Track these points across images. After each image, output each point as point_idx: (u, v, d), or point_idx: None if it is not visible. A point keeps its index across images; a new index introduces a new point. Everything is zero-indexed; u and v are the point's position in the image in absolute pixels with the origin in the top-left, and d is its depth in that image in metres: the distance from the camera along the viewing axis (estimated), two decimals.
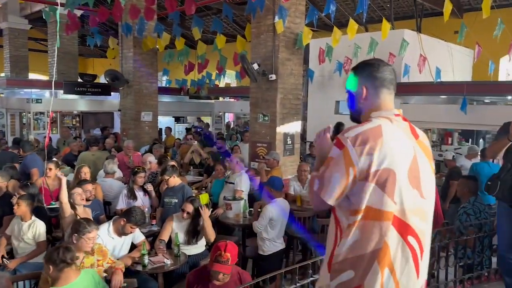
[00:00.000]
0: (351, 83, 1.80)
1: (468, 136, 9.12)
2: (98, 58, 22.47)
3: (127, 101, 10.28)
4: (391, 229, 1.58)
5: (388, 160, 1.57)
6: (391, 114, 1.69)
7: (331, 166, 1.62)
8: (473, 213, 4.26)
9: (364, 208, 1.59)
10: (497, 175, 3.62)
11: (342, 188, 1.59)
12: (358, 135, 1.58)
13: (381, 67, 1.75)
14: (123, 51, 10.22)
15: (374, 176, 1.56)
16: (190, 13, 6.88)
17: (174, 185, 5.26)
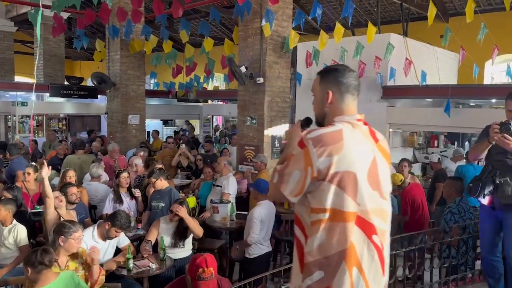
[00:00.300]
0: (317, 87, 1.84)
1: (453, 139, 9.23)
2: (85, 61, 22.28)
3: (114, 104, 10.20)
4: (356, 229, 1.65)
5: (348, 163, 1.63)
6: (353, 119, 1.76)
7: (291, 163, 1.69)
8: (457, 212, 4.32)
9: (328, 210, 1.65)
10: (479, 177, 3.65)
11: (300, 185, 1.66)
12: (319, 136, 1.65)
13: (347, 73, 1.80)
14: (110, 53, 10.15)
15: (333, 178, 1.63)
16: (178, 16, 6.86)
17: (161, 188, 5.22)
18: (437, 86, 7.25)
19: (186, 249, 4.49)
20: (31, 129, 7.71)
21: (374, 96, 7.81)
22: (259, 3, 6.50)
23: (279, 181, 1.71)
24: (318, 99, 1.83)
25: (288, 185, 1.68)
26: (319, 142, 1.62)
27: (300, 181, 1.65)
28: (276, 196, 1.79)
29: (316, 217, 1.66)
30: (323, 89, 1.80)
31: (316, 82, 1.85)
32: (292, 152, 1.71)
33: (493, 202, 3.52)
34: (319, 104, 1.82)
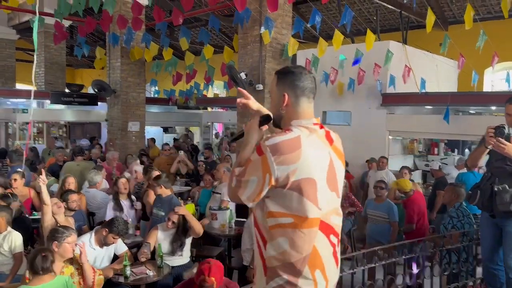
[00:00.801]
0: (274, 88, 1.84)
1: (454, 146, 9.20)
2: (87, 69, 22.38)
3: (114, 111, 10.22)
4: (319, 233, 1.69)
5: (307, 170, 1.65)
6: (310, 123, 1.76)
7: (249, 169, 1.68)
8: (456, 216, 4.30)
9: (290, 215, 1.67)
10: (478, 185, 3.64)
11: (257, 191, 1.67)
12: (277, 145, 1.63)
13: (303, 76, 1.80)
14: (111, 61, 10.19)
15: (294, 185, 1.64)
16: (178, 24, 6.89)
17: (163, 195, 5.18)
18: (437, 93, 7.25)
19: (184, 256, 4.46)
20: (30, 135, 7.70)
21: (374, 103, 7.81)
22: (259, 11, 6.53)
23: (237, 185, 1.72)
24: (275, 100, 1.83)
25: (246, 190, 1.69)
26: (277, 151, 1.62)
27: (258, 187, 1.66)
28: (234, 199, 1.81)
29: (276, 222, 1.69)
30: (280, 91, 1.80)
31: (273, 83, 1.85)
32: (250, 158, 1.70)
33: (493, 209, 3.49)
34: (276, 106, 1.82)
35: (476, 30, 7.18)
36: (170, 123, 14.87)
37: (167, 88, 12.75)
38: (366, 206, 5.70)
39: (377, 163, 7.19)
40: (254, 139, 1.84)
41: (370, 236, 5.52)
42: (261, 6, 6.41)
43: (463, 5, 11.83)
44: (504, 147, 3.16)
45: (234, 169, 1.78)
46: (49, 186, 6.81)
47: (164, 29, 7.65)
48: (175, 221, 4.36)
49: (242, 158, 1.80)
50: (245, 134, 1.87)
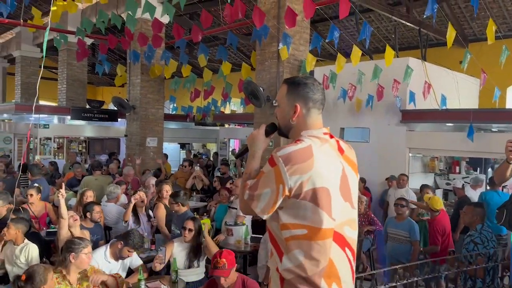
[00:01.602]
0: (283, 98, 1.80)
1: (476, 165, 8.96)
2: (107, 86, 22.89)
3: (133, 126, 10.36)
4: (333, 245, 1.65)
5: (320, 179, 1.62)
6: (321, 133, 1.74)
7: (262, 180, 1.66)
8: (480, 242, 4.10)
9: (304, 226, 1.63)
10: (504, 204, 3.53)
11: (272, 203, 1.64)
12: (289, 155, 1.62)
13: (315, 87, 1.79)
14: (131, 78, 10.38)
15: (307, 195, 1.61)
16: (197, 41, 6.98)
17: (179, 212, 5.15)
18: (458, 110, 7.10)
19: (199, 272, 4.39)
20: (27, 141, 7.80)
21: (393, 120, 7.69)
22: (276, 28, 6.58)
23: (250, 198, 1.69)
24: (284, 110, 1.80)
25: (259, 203, 1.66)
26: (289, 161, 1.60)
27: (272, 199, 1.63)
28: (247, 212, 1.77)
29: (291, 233, 1.65)
30: (290, 102, 1.77)
31: (282, 92, 1.81)
32: (263, 170, 1.68)
33: None
34: (285, 116, 1.79)
35: (497, 47, 7.07)
36: (187, 139, 14.99)
37: (185, 104, 12.89)
38: (387, 224, 5.56)
39: (397, 181, 7.04)
40: (261, 149, 1.84)
41: (390, 255, 5.36)
42: (279, 23, 6.45)
43: (483, 22, 11.73)
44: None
45: (246, 181, 1.76)
46: (67, 200, 6.87)
47: (183, 46, 7.76)
48: (191, 229, 4.30)
49: (251, 169, 1.80)
50: (250, 144, 1.86)
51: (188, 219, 4.50)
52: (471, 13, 11.60)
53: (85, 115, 12.04)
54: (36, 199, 5.63)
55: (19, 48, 14.98)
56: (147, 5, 6.66)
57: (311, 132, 1.74)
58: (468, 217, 4.32)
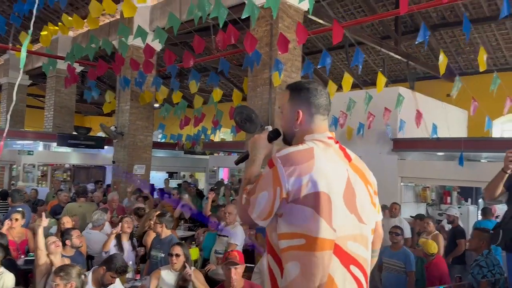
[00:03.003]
0: (286, 104, 1.73)
1: (467, 196, 8.94)
2: (95, 115, 22.73)
3: (121, 153, 10.16)
4: (334, 259, 1.48)
5: (321, 183, 1.48)
6: (324, 137, 1.65)
7: (260, 184, 1.55)
8: (485, 265, 3.98)
9: (301, 235, 1.47)
10: (499, 224, 3.43)
11: (268, 207, 1.51)
12: (288, 155, 1.52)
13: (318, 93, 1.70)
14: (120, 104, 10.28)
15: (306, 200, 1.46)
16: (188, 66, 6.96)
17: (163, 236, 4.94)
18: (449, 139, 7.13)
19: None
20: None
21: (384, 148, 7.68)
22: (269, 54, 6.60)
23: (247, 203, 1.56)
24: (287, 117, 1.71)
25: (255, 208, 1.53)
26: (288, 161, 1.50)
27: (268, 203, 1.50)
28: (244, 219, 1.63)
29: (287, 244, 1.49)
30: (293, 108, 1.69)
31: (284, 98, 1.74)
32: (262, 172, 1.58)
33: None
34: (288, 123, 1.71)
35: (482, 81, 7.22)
36: (176, 168, 14.78)
37: (174, 133, 12.76)
38: (381, 253, 5.39)
39: (389, 210, 6.92)
40: (262, 154, 1.74)
41: (385, 286, 5.16)
42: (271, 49, 6.48)
43: (468, 57, 12.06)
44: None
45: (245, 186, 1.63)
46: (48, 228, 6.58)
47: (174, 72, 7.72)
48: (179, 254, 4.08)
49: (250, 175, 1.69)
50: (251, 149, 1.77)
51: (174, 244, 4.28)
52: (456, 47, 11.94)
53: (72, 141, 11.79)
54: (19, 224, 5.38)
55: (6, 75, 14.84)
56: (139, 30, 6.65)
57: (314, 136, 1.65)
58: (475, 242, 4.21)
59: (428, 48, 12.18)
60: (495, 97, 6.90)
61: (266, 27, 6.79)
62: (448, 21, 10.86)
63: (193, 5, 5.80)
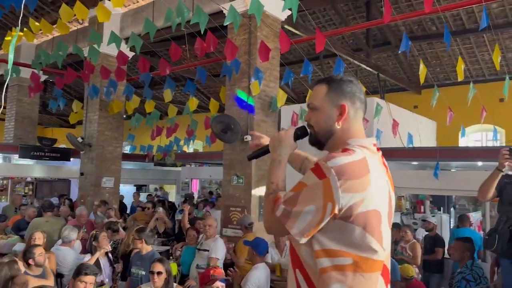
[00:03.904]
0: (323, 99, 1.51)
1: (439, 204, 9.12)
2: (58, 127, 21.83)
3: (88, 166, 9.71)
4: (380, 281, 1.38)
5: (374, 200, 1.36)
6: (370, 144, 1.48)
7: (304, 195, 1.34)
8: (473, 279, 3.96)
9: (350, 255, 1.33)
10: (495, 229, 3.43)
11: (315, 224, 1.32)
12: (344, 166, 1.32)
13: (360, 87, 1.54)
14: (88, 114, 9.87)
15: (359, 219, 1.33)
16: (164, 74, 6.75)
17: (143, 252, 4.67)
18: (425, 148, 7.25)
19: None
20: None
21: None
22: (247, 63, 6.51)
23: (285, 215, 1.35)
24: (325, 113, 1.50)
25: (298, 223, 1.33)
26: (344, 174, 1.31)
27: (315, 219, 1.31)
28: (276, 232, 1.47)
29: (331, 263, 1.33)
30: (334, 102, 1.49)
31: (320, 93, 1.52)
32: (304, 182, 1.36)
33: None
34: (326, 120, 1.49)
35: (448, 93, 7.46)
36: (145, 180, 14.31)
37: (144, 143, 12.38)
38: None
39: None
40: (287, 155, 1.54)
41: None
42: (250, 57, 6.39)
43: (435, 70, 12.48)
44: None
45: (275, 193, 1.43)
46: (12, 245, 6.13)
47: (148, 80, 7.47)
48: (161, 271, 3.84)
49: (277, 179, 1.48)
50: (275, 147, 1.55)
51: (155, 261, 4.04)
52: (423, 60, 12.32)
53: (35, 153, 11.18)
54: None
55: None
56: (113, 36, 6.39)
57: (360, 141, 1.46)
58: (458, 253, 4.18)
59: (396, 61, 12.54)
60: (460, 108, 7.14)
61: (244, 36, 6.71)
62: (416, 35, 11.19)
63: (171, 11, 5.63)
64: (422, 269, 6.32)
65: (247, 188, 6.37)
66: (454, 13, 9.93)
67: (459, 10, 9.49)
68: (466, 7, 9.25)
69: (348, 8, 10.85)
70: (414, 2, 9.82)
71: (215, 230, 5.49)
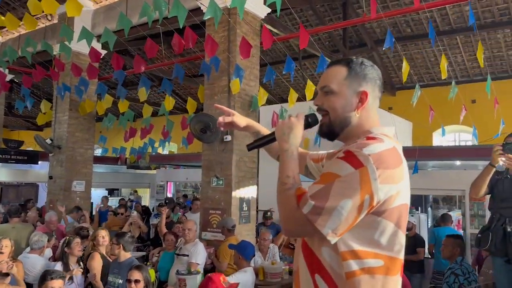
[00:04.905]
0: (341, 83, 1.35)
1: (417, 204, 9.18)
2: (24, 130, 20.95)
3: (57, 169, 9.26)
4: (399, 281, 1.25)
5: (406, 192, 1.25)
6: (392, 132, 1.37)
7: (337, 187, 1.16)
8: (461, 274, 3.93)
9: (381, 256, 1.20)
10: (487, 227, 3.38)
11: (351, 221, 1.16)
12: (381, 154, 1.19)
13: (380, 74, 1.41)
14: (57, 114, 9.42)
15: (393, 214, 1.20)
16: (139, 71, 6.48)
17: (121, 259, 4.40)
18: (404, 147, 7.24)
19: None
20: None
21: None
22: (227, 61, 6.32)
23: (315, 212, 1.16)
24: (345, 99, 1.34)
25: (331, 221, 1.14)
26: (382, 162, 1.17)
27: (352, 215, 1.15)
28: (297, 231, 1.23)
29: (362, 265, 1.18)
30: (354, 87, 1.34)
31: (339, 75, 1.35)
32: (334, 171, 1.19)
33: (507, 254, 3.21)
34: (346, 107, 1.34)
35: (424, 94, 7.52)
36: (117, 184, 13.86)
37: (116, 146, 11.95)
38: None
39: None
40: (298, 145, 1.36)
41: None
42: (229, 54, 6.22)
43: (409, 71, 12.66)
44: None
45: (297, 188, 1.24)
46: None
47: (122, 78, 7.16)
48: (139, 279, 3.60)
49: (293, 171, 1.28)
50: (284, 135, 1.34)
51: (132, 268, 3.80)
52: (398, 62, 12.47)
53: (0, 156, 10.60)
54: None
55: None
56: (84, 32, 6.05)
57: (383, 130, 1.33)
58: (448, 249, 4.14)
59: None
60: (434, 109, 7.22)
61: (223, 33, 6.52)
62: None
63: (148, 4, 5.38)
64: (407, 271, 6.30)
65: (227, 190, 6.17)
66: (428, 15, 10.08)
67: (433, 12, 9.64)
68: (439, 8, 9.40)
69: (325, 9, 10.85)
70: (390, 4, 9.90)
71: (195, 234, 5.27)
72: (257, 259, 5.41)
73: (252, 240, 6.31)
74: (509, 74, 11.23)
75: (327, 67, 1.44)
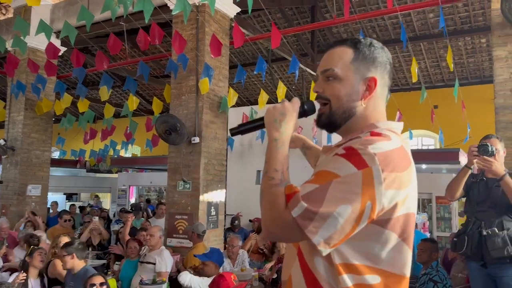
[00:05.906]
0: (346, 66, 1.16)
1: None
2: None
3: (11, 172, 8.67)
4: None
5: (413, 200, 1.09)
6: (399, 128, 1.18)
7: (335, 189, 0.99)
8: (440, 280, 3.87)
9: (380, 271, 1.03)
10: (463, 230, 3.34)
11: (348, 230, 0.99)
12: (388, 154, 1.02)
13: (390, 57, 1.22)
14: (11, 114, 8.84)
15: (397, 224, 1.04)
16: (101, 69, 6.13)
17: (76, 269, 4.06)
18: None
19: None
20: None
21: None
22: (195, 60, 6.10)
23: (306, 216, 0.98)
24: (350, 86, 1.15)
25: (324, 229, 0.97)
26: (389, 164, 1.00)
27: (349, 224, 0.98)
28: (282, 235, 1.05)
29: (358, 281, 1.02)
30: (361, 73, 1.16)
31: (344, 57, 1.17)
32: (332, 170, 1.02)
33: (483, 258, 3.17)
34: (351, 95, 1.15)
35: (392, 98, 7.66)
36: (76, 188, 13.22)
37: (75, 148, 11.37)
38: None
39: None
40: (290, 134, 1.16)
41: None
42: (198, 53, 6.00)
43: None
44: (491, 164, 2.96)
45: (287, 185, 1.04)
46: None
47: (82, 76, 6.76)
48: (103, 282, 3.34)
49: (282, 165, 1.08)
50: (277, 124, 1.14)
51: (93, 275, 3.53)
52: None
53: None
54: None
55: None
56: (42, 25, 5.65)
57: (390, 125, 1.14)
58: (426, 254, 4.08)
59: None
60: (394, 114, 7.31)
61: (191, 31, 6.29)
62: None
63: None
64: None
65: (195, 194, 5.92)
66: (394, 21, 10.26)
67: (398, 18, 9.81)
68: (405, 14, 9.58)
69: (293, 13, 10.84)
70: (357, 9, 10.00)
71: (159, 240, 4.99)
72: (225, 266, 5.19)
73: (220, 246, 6.10)
74: (469, 81, 11.61)
75: (330, 47, 1.24)
